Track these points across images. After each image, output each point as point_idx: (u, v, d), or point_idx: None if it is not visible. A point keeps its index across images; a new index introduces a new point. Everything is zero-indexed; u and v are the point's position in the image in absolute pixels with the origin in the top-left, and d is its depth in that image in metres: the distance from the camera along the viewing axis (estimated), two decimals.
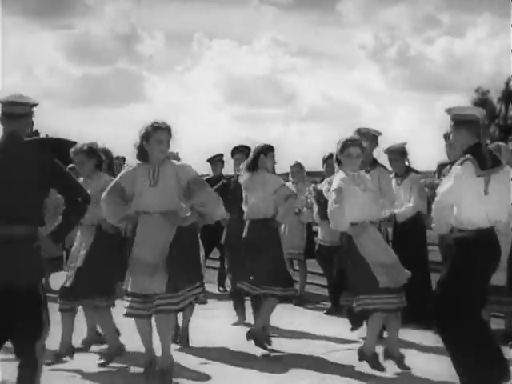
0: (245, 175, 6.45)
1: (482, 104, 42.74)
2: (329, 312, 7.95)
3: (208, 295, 5.92)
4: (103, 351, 5.93)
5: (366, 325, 5.72)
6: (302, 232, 8.67)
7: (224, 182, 8.22)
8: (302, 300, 8.48)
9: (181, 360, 5.92)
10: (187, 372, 5.65)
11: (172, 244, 5.25)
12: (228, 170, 8.81)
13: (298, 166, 8.81)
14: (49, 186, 4.42)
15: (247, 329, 6.39)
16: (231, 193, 7.17)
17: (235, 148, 7.80)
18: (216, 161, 9.43)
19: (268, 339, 6.33)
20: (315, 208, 7.76)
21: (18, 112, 4.37)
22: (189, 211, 5.37)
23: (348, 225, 5.43)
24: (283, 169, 8.91)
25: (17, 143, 4.36)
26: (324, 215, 6.46)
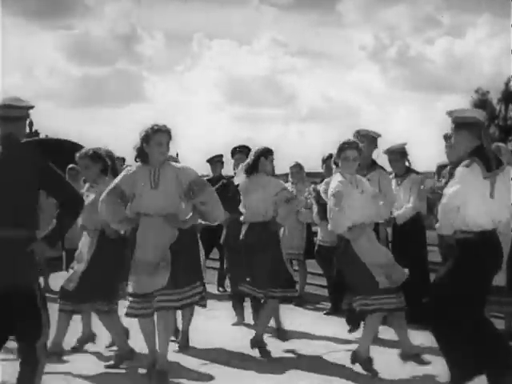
0: (242, 177, 6.42)
1: (482, 104, 42.83)
2: (329, 312, 7.96)
3: (208, 295, 5.90)
4: (113, 353, 5.92)
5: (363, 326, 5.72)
6: (302, 232, 8.66)
7: (224, 183, 8.22)
8: (302, 300, 8.47)
9: (181, 360, 5.93)
10: (187, 372, 5.65)
11: (172, 245, 5.28)
12: (228, 171, 8.81)
13: (298, 167, 8.80)
14: (41, 189, 4.41)
15: (247, 329, 6.39)
16: (231, 193, 7.16)
17: (235, 148, 7.80)
18: (215, 161, 9.41)
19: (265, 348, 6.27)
20: (315, 208, 7.76)
21: (14, 115, 4.36)
22: (189, 213, 5.40)
23: (347, 228, 5.43)
24: (283, 169, 8.91)
25: (13, 146, 4.35)
26: (324, 216, 6.46)
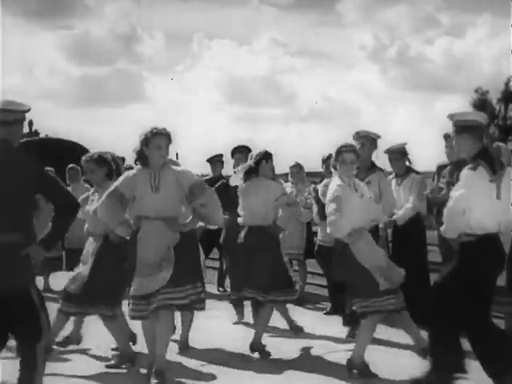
0: (239, 179, 6.40)
1: (482, 104, 42.89)
2: (329, 312, 7.96)
3: (208, 295, 5.91)
4: (115, 354, 5.92)
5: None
6: (302, 232, 8.65)
7: (224, 182, 8.21)
8: (302, 300, 8.45)
9: (181, 361, 5.93)
10: (187, 372, 5.65)
11: (174, 248, 5.29)
12: (228, 171, 8.80)
13: (298, 167, 8.79)
14: (36, 193, 4.40)
15: (247, 329, 6.38)
16: (231, 193, 7.15)
17: (235, 148, 7.80)
18: (215, 161, 9.41)
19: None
20: (315, 208, 7.75)
21: (9, 119, 4.32)
22: (189, 216, 5.41)
23: (346, 233, 5.41)
24: (283, 169, 8.91)
25: (7, 150, 4.32)
26: (323, 215, 6.42)
